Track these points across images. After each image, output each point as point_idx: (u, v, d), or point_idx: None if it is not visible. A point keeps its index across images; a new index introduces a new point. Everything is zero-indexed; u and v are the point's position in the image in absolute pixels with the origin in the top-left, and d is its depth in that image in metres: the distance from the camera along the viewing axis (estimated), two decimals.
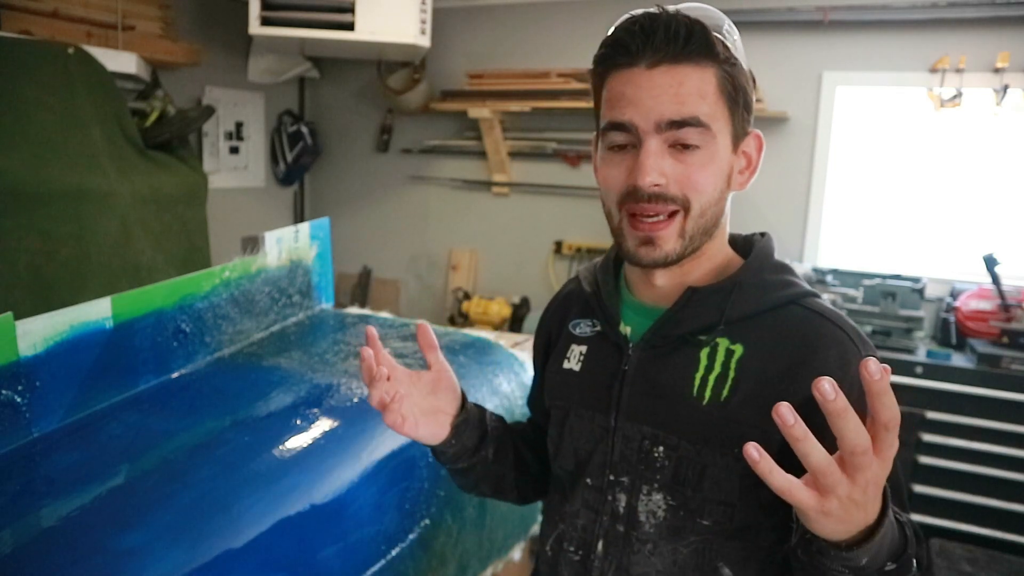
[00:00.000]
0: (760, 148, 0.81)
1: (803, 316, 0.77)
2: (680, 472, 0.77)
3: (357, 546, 0.96)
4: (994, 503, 2.48)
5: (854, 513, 0.57)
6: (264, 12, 2.76)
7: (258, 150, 3.73)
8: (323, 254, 1.42)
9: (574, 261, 3.43)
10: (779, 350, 0.75)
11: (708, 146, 0.74)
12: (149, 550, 0.72)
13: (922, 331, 2.71)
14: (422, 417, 0.82)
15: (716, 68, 0.74)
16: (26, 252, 2.08)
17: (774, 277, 0.80)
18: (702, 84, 0.73)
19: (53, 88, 2.20)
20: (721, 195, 0.77)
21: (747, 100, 0.78)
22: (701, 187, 0.75)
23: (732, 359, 0.76)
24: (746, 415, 0.74)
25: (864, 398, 0.59)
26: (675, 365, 0.79)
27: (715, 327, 0.78)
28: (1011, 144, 2.77)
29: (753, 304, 0.78)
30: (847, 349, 0.74)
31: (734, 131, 0.77)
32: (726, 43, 0.75)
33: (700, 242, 0.78)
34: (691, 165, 0.74)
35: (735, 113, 0.76)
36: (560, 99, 3.18)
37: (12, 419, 0.85)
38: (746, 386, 0.75)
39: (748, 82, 0.78)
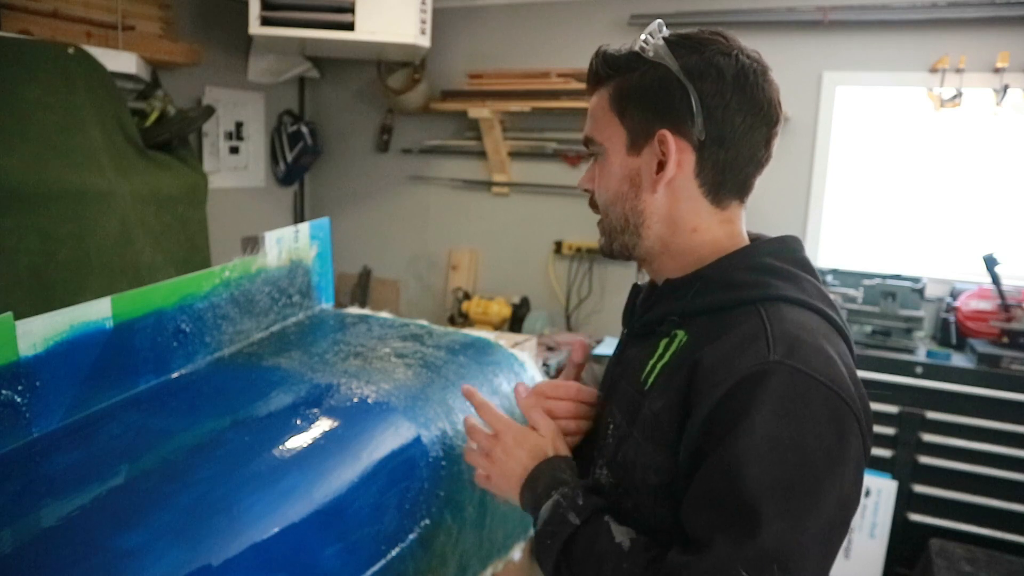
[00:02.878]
0: (669, 146, 0.78)
1: (748, 314, 0.74)
2: (619, 451, 0.81)
3: (357, 546, 0.96)
4: (994, 503, 2.48)
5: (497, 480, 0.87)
6: (264, 12, 2.76)
7: (258, 150, 3.73)
8: (323, 254, 1.42)
9: (574, 261, 3.43)
10: (698, 343, 0.74)
11: (602, 157, 0.85)
12: (149, 550, 0.72)
13: (922, 331, 2.71)
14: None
15: (611, 85, 0.83)
16: (26, 252, 2.08)
17: (745, 276, 0.77)
18: (596, 105, 0.86)
19: (53, 88, 2.20)
20: (621, 197, 0.84)
21: (647, 100, 0.80)
22: (601, 191, 0.87)
23: (677, 348, 0.78)
24: (651, 399, 0.77)
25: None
26: (641, 351, 0.84)
27: (670, 317, 0.81)
28: (1011, 144, 2.77)
29: (708, 299, 0.78)
30: (752, 345, 0.69)
31: (629, 136, 0.82)
32: (640, 55, 0.80)
33: (623, 240, 0.85)
34: (597, 173, 0.87)
35: (627, 118, 0.82)
36: (560, 99, 3.18)
37: (12, 419, 0.85)
38: (665, 375, 0.77)
39: (656, 82, 0.79)
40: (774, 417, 0.65)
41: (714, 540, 0.64)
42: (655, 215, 0.82)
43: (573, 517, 0.76)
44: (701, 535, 0.66)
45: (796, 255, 0.82)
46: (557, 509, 0.78)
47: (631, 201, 0.83)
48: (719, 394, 0.68)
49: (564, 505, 0.78)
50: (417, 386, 1.16)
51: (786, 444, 0.65)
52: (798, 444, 0.65)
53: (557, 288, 3.50)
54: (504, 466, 0.86)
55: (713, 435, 0.68)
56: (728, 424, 0.66)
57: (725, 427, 0.67)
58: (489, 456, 0.87)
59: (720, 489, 0.66)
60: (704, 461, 0.68)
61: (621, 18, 3.19)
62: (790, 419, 0.66)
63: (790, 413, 0.66)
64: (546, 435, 0.87)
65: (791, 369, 0.67)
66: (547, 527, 0.78)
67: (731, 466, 0.65)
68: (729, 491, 0.65)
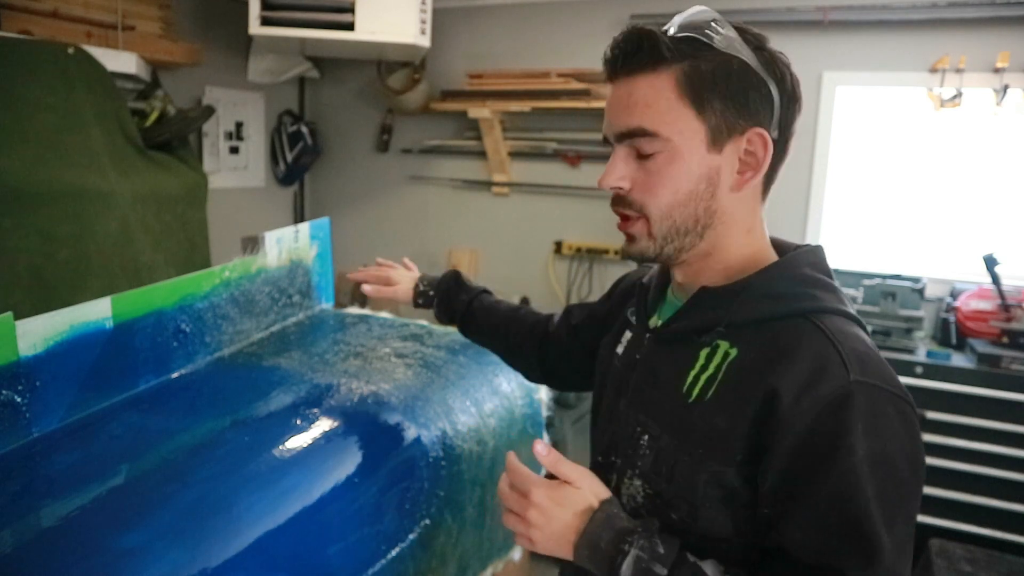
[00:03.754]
0: (766, 146, 0.77)
1: (804, 329, 0.73)
2: (657, 463, 0.79)
3: (357, 546, 0.96)
4: (994, 503, 2.48)
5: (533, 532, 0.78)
6: (264, 12, 2.76)
7: (258, 150, 3.73)
8: (323, 254, 1.42)
9: (574, 261, 3.43)
10: (764, 357, 0.73)
11: (665, 152, 0.77)
12: (149, 550, 0.72)
13: (922, 331, 2.71)
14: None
15: (673, 70, 0.76)
16: (26, 252, 2.08)
17: (790, 288, 0.77)
18: (651, 91, 0.76)
19: (53, 88, 2.20)
20: (691, 198, 0.77)
21: (733, 95, 0.75)
22: (658, 192, 0.78)
23: (725, 361, 0.76)
24: (714, 418, 0.75)
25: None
26: (675, 360, 0.81)
27: (715, 327, 0.78)
28: (1011, 144, 2.77)
29: (757, 310, 0.76)
30: (828, 367, 0.70)
31: (710, 131, 0.76)
32: (705, 41, 0.75)
33: (683, 241, 0.80)
34: (649, 172, 0.78)
35: (707, 112, 0.75)
36: (560, 99, 3.18)
37: (12, 419, 0.85)
38: (724, 388, 0.75)
39: (739, 76, 0.75)
40: (865, 436, 0.67)
41: (844, 569, 0.67)
42: (724, 215, 0.79)
43: (659, 568, 0.71)
44: (824, 562, 0.68)
45: (825, 266, 0.82)
46: (639, 564, 0.72)
47: (706, 201, 0.78)
48: (808, 420, 0.68)
49: (646, 558, 0.72)
50: (417, 386, 1.16)
51: (879, 460, 0.68)
52: (888, 457, 0.68)
53: (557, 288, 3.50)
54: (545, 529, 0.78)
55: (812, 460, 0.68)
56: (827, 448, 0.68)
57: (825, 452, 0.68)
58: (525, 520, 0.79)
59: (834, 514, 0.68)
60: (806, 487, 0.69)
61: (621, 18, 3.19)
62: (878, 435, 0.68)
63: (877, 429, 0.68)
64: (582, 486, 0.79)
65: (869, 387, 0.69)
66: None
67: (841, 491, 0.67)
68: (844, 516, 0.67)
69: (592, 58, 3.30)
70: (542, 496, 0.78)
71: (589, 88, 3.11)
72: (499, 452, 1.25)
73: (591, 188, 3.32)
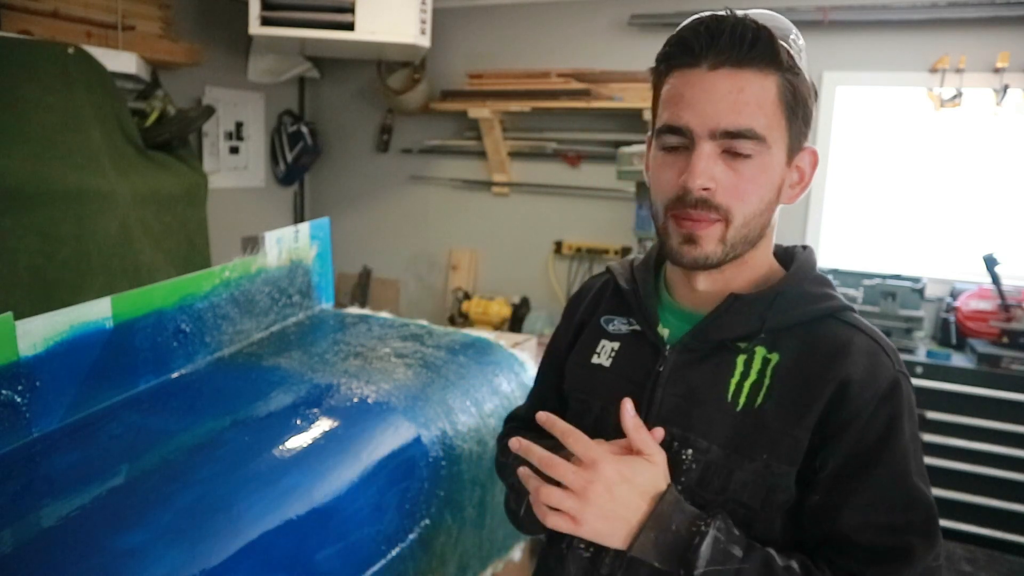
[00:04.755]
0: (815, 164, 0.81)
1: (839, 328, 0.78)
2: (707, 476, 0.77)
3: (357, 546, 0.96)
4: (994, 503, 2.48)
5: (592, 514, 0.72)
6: (264, 12, 2.76)
7: (258, 150, 3.73)
8: (323, 254, 1.42)
9: (574, 261, 3.43)
10: (814, 358, 0.76)
11: (760, 157, 0.74)
12: (149, 550, 0.72)
13: (922, 331, 2.71)
14: None
15: (779, 76, 0.73)
16: (26, 252, 2.07)
17: (815, 290, 0.81)
18: (762, 92, 0.72)
19: (53, 88, 2.20)
20: (768, 207, 0.77)
21: (807, 113, 0.77)
22: (747, 198, 0.75)
23: (768, 367, 0.77)
24: (778, 421, 0.75)
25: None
26: (711, 370, 0.79)
27: (755, 335, 0.78)
28: (1011, 144, 2.77)
29: (793, 314, 0.78)
30: (879, 359, 0.76)
31: (789, 144, 0.77)
32: (791, 52, 0.75)
33: (741, 250, 0.78)
34: (741, 175, 0.74)
35: (792, 125, 0.76)
36: (560, 99, 3.18)
37: (12, 419, 0.85)
38: (779, 393, 0.76)
39: (810, 95, 0.77)
40: (909, 419, 0.75)
41: (912, 545, 0.72)
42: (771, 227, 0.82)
43: (736, 550, 0.71)
44: (891, 542, 0.72)
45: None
46: (718, 545, 0.70)
47: (771, 212, 0.79)
48: (872, 408, 0.73)
49: (723, 540, 0.71)
50: (417, 386, 1.16)
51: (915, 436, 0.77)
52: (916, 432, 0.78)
53: (557, 288, 3.50)
54: (606, 507, 0.72)
55: (872, 444, 0.73)
56: (883, 432, 0.73)
57: (883, 436, 0.73)
58: (583, 495, 0.72)
59: (895, 493, 0.73)
60: (866, 470, 0.73)
61: (621, 18, 3.19)
62: (913, 417, 0.77)
63: (912, 411, 0.77)
64: (659, 462, 0.75)
65: (904, 376, 0.77)
66: (712, 568, 0.70)
67: (898, 471, 0.73)
68: (903, 493, 0.73)
69: (592, 58, 3.31)
70: (613, 470, 0.72)
71: (589, 88, 3.11)
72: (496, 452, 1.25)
73: (591, 188, 3.32)
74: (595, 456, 0.73)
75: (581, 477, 0.72)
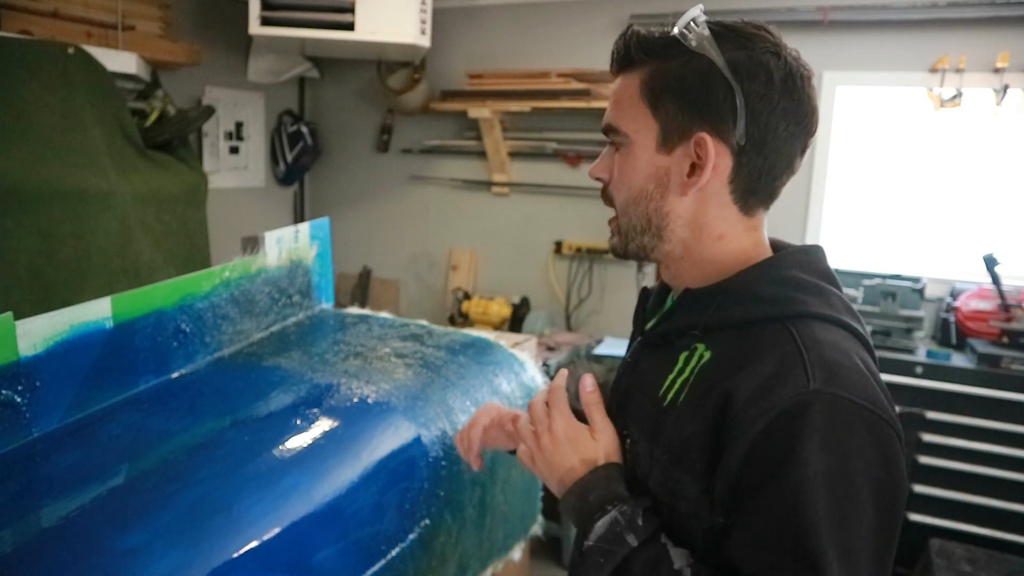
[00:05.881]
0: (707, 151, 0.73)
1: (775, 334, 0.70)
2: (635, 469, 0.78)
3: (357, 546, 0.96)
4: (994, 503, 2.48)
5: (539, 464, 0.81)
6: (264, 12, 2.76)
7: (258, 150, 3.73)
8: (323, 254, 1.42)
9: (574, 261, 3.43)
10: (729, 361, 0.71)
11: (626, 148, 0.79)
12: (149, 550, 0.72)
13: (922, 331, 2.71)
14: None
15: (643, 70, 0.77)
16: (26, 252, 2.08)
17: (771, 290, 0.73)
18: (623, 90, 0.79)
19: (53, 88, 2.20)
20: (641, 196, 0.78)
21: (687, 96, 0.73)
22: (619, 186, 0.80)
23: (698, 365, 0.74)
24: (683, 424, 0.72)
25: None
26: (657, 364, 0.80)
27: (691, 330, 0.76)
28: (1011, 144, 2.77)
29: (734, 313, 0.73)
30: (788, 374, 0.66)
31: (661, 132, 0.75)
32: (681, 41, 0.73)
33: (641, 241, 0.80)
34: (617, 166, 0.80)
35: (660, 112, 0.75)
36: (560, 99, 3.18)
37: (12, 419, 0.85)
38: (692, 392, 0.73)
39: (698, 77, 0.72)
40: (822, 450, 0.63)
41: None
42: (680, 219, 0.77)
43: (631, 538, 0.71)
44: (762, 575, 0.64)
45: (821, 266, 0.79)
46: (614, 527, 0.72)
47: (655, 202, 0.77)
48: (760, 427, 0.65)
49: (622, 524, 0.71)
50: (417, 386, 1.16)
51: (837, 476, 0.63)
52: (848, 475, 0.63)
53: (557, 288, 3.50)
54: (550, 456, 0.80)
55: (761, 471, 0.65)
56: (777, 459, 0.64)
57: (774, 463, 0.64)
58: (538, 438, 0.81)
59: (779, 530, 0.64)
60: (753, 498, 0.65)
61: (621, 18, 3.19)
62: (838, 450, 0.63)
63: (837, 443, 0.64)
64: (600, 440, 0.80)
65: (833, 397, 0.65)
66: (600, 544, 0.71)
67: (788, 505, 0.63)
68: (789, 532, 0.63)
69: (592, 58, 3.31)
70: (561, 428, 0.80)
71: (589, 88, 3.11)
72: (499, 452, 1.25)
73: (591, 188, 3.32)
74: (556, 411, 0.81)
75: (541, 424, 0.82)
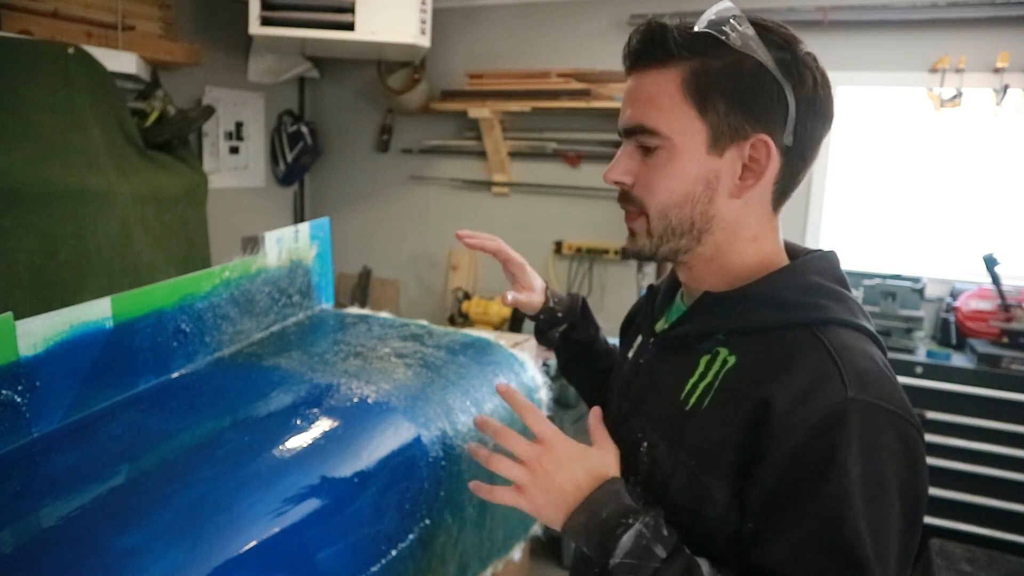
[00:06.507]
0: (769, 155, 0.73)
1: (805, 341, 0.70)
2: (654, 472, 0.77)
3: (357, 546, 0.96)
4: (994, 503, 2.48)
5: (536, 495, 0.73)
6: (264, 12, 2.76)
7: (258, 150, 3.73)
8: (323, 254, 1.42)
9: (574, 261, 3.43)
10: (757, 369, 0.71)
11: (666, 150, 0.75)
12: (149, 550, 0.72)
13: (922, 331, 2.71)
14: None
15: (681, 67, 0.73)
16: (26, 252, 2.08)
17: (795, 296, 0.74)
18: (656, 88, 0.74)
19: (53, 88, 2.20)
20: (687, 199, 0.75)
21: (740, 97, 0.72)
22: (656, 190, 0.76)
23: (723, 369, 0.74)
24: (705, 427, 0.72)
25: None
26: (675, 366, 0.79)
27: (715, 334, 0.76)
28: (1011, 144, 2.77)
29: (759, 318, 0.74)
30: (825, 384, 0.67)
31: (712, 133, 0.73)
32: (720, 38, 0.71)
33: (678, 243, 0.78)
34: (650, 167, 0.76)
35: (709, 112, 0.72)
36: (560, 99, 3.18)
37: (12, 419, 0.85)
38: (719, 397, 0.73)
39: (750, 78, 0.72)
40: (862, 457, 0.65)
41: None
42: (723, 222, 0.76)
43: (660, 550, 0.67)
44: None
45: (837, 272, 0.80)
46: (640, 540, 0.68)
47: (702, 205, 0.75)
48: (801, 435, 0.65)
49: (648, 536, 0.68)
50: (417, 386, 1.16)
51: (875, 481, 0.65)
52: (882, 480, 0.65)
53: (557, 288, 3.49)
54: (550, 480, 0.72)
55: (802, 478, 0.66)
56: (818, 466, 0.65)
57: (816, 469, 0.65)
58: (532, 466, 0.73)
59: (824, 536, 0.64)
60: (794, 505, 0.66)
61: (621, 18, 3.19)
62: (875, 457, 0.65)
63: (874, 450, 0.65)
64: (609, 453, 0.76)
65: (868, 405, 0.66)
66: (628, 560, 0.67)
67: (833, 512, 0.64)
68: (834, 538, 0.64)
69: (592, 58, 3.31)
70: (564, 448, 0.73)
71: (589, 88, 3.11)
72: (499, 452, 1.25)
73: (591, 188, 3.32)
74: (550, 434, 0.75)
75: (533, 449, 0.74)
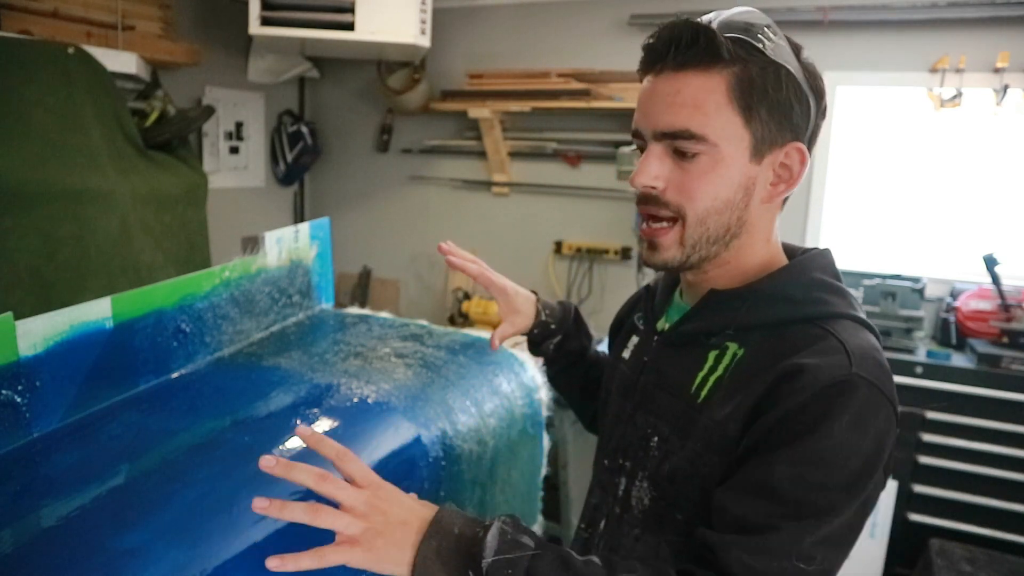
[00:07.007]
0: (803, 162, 0.76)
1: (814, 332, 0.73)
2: (664, 464, 0.79)
3: None
4: (994, 503, 2.48)
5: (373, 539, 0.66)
6: (264, 12, 2.76)
7: (258, 150, 3.73)
8: (323, 254, 1.42)
9: (574, 261, 3.43)
10: (772, 355, 0.73)
11: (709, 155, 0.74)
12: (149, 550, 0.72)
13: (922, 331, 2.71)
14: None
15: (728, 73, 0.72)
16: (26, 252, 2.07)
17: (800, 292, 0.77)
18: (701, 92, 0.73)
19: (53, 88, 2.20)
20: (727, 205, 0.76)
21: (780, 106, 0.73)
22: (697, 196, 0.75)
23: (732, 362, 0.76)
24: (720, 408, 0.75)
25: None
26: (684, 362, 0.81)
27: (724, 330, 0.78)
28: (1011, 144, 2.77)
29: (767, 313, 0.76)
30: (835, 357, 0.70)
31: (754, 139, 0.74)
32: (757, 45, 0.72)
33: (709, 250, 0.78)
34: (688, 173, 0.75)
35: (754, 120, 0.73)
36: (560, 99, 3.18)
37: (12, 419, 0.85)
38: (727, 387, 0.75)
39: (787, 87, 0.73)
40: (851, 426, 0.67)
41: (780, 528, 0.66)
42: (750, 226, 0.78)
43: (527, 540, 0.67)
44: (758, 521, 0.67)
45: (834, 269, 0.82)
46: (505, 536, 0.67)
47: (739, 211, 0.76)
48: (806, 395, 0.68)
49: (511, 531, 0.67)
50: (417, 386, 1.16)
51: (853, 452, 0.68)
52: (861, 453, 0.68)
53: (557, 288, 3.50)
54: (386, 520, 0.67)
55: (790, 430, 0.68)
56: (809, 423, 0.67)
57: (806, 425, 0.68)
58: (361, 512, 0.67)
59: (793, 483, 0.67)
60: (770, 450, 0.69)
61: (621, 18, 3.19)
62: (862, 430, 0.68)
63: (863, 425, 0.68)
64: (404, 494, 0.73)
65: (869, 384, 0.69)
66: (500, 556, 0.65)
67: (807, 463, 0.67)
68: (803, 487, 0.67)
69: (592, 58, 3.31)
70: (389, 486, 0.70)
71: (589, 88, 3.11)
72: (499, 452, 1.25)
73: (591, 188, 3.32)
74: (374, 478, 0.70)
75: (361, 493, 0.68)
